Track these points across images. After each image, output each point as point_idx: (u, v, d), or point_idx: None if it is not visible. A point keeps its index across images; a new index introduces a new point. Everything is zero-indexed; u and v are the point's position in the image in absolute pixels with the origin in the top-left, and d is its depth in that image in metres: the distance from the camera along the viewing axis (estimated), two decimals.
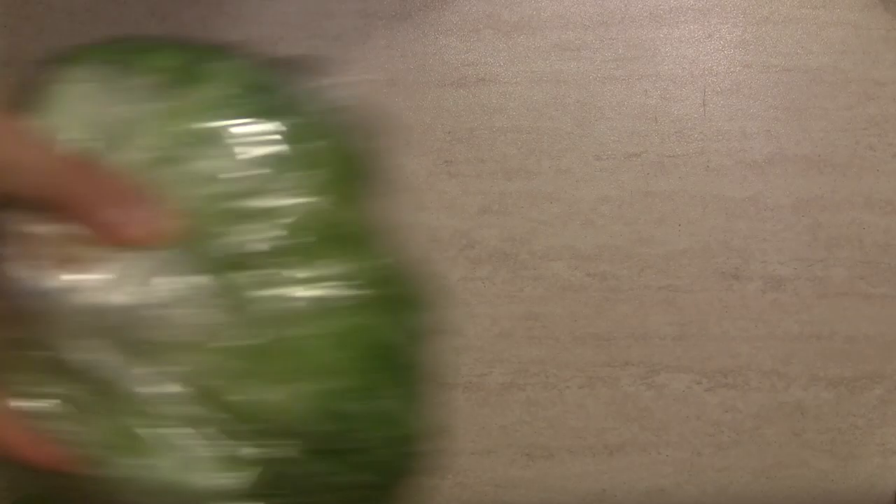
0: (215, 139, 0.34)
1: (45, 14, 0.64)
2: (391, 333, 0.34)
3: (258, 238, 0.33)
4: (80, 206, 0.33)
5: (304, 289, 0.32)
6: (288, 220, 0.33)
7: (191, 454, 0.32)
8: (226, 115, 0.34)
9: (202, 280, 0.32)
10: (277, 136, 0.34)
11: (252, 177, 0.33)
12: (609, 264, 0.61)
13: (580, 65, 0.63)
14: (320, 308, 0.32)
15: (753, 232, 0.61)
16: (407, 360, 0.35)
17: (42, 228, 0.32)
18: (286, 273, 0.32)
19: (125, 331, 0.31)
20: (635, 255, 0.61)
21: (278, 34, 0.64)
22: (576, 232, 0.62)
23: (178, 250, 0.32)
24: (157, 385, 0.32)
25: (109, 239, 0.33)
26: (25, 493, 0.33)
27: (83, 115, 0.34)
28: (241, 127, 0.34)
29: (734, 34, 0.63)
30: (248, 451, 0.32)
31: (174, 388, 0.32)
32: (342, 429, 0.33)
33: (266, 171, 0.33)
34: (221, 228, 0.32)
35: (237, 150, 0.33)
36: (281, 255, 0.33)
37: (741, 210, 0.62)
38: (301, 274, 0.32)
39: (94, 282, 0.31)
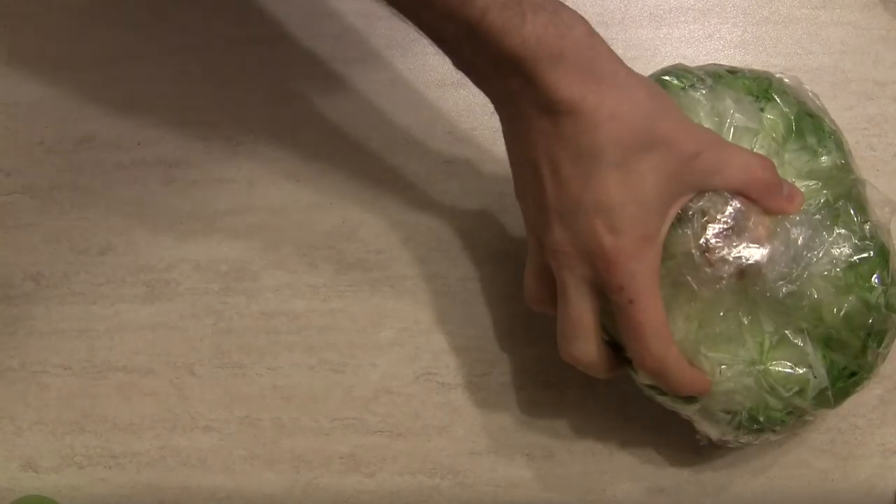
0: (795, 136, 0.51)
1: (45, 14, 0.64)
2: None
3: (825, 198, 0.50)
4: (765, 189, 0.48)
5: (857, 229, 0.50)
6: (833, 188, 0.51)
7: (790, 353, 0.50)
8: (795, 120, 0.51)
9: (819, 231, 0.49)
10: (819, 130, 0.52)
11: (812, 158, 0.52)
12: None
13: None
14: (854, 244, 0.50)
15: None
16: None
17: (730, 208, 0.47)
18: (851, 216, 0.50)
19: (793, 268, 0.48)
20: None
21: (278, 34, 0.64)
22: None
23: (801, 213, 0.49)
24: (790, 303, 0.49)
25: (777, 210, 0.48)
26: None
27: (698, 121, 0.50)
28: (804, 128, 0.52)
29: (734, 34, 0.63)
30: (822, 349, 0.50)
31: (801, 303, 0.49)
32: (867, 318, 0.50)
33: (818, 158, 0.52)
34: (814, 198, 0.50)
35: (803, 142, 0.51)
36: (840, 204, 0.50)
37: None
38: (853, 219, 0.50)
39: (776, 239, 0.48)
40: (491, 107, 0.48)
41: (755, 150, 0.50)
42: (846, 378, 0.52)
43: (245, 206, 0.62)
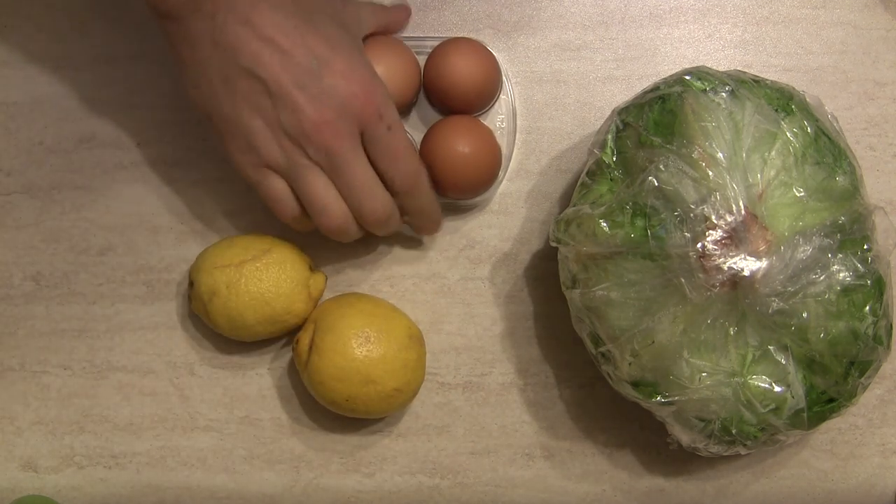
0: (814, 151, 0.51)
1: (45, 14, 0.64)
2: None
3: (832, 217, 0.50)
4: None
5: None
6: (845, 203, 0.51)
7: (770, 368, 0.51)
8: (814, 137, 0.51)
9: (823, 254, 0.49)
10: (837, 151, 0.52)
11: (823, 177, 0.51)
12: None
13: (580, 65, 0.63)
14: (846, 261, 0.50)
15: None
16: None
17: (732, 217, 0.48)
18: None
19: (788, 286, 0.48)
20: None
21: None
22: None
23: (806, 233, 0.49)
24: (779, 320, 0.49)
25: (396, 27, 0.61)
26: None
27: (717, 124, 0.50)
28: (821, 146, 0.52)
29: (734, 34, 0.63)
30: (803, 369, 0.51)
31: (790, 322, 0.49)
32: (852, 347, 0.50)
33: (834, 177, 0.51)
34: (823, 219, 0.50)
35: (821, 159, 0.51)
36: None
37: None
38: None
39: (775, 255, 0.48)
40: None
41: (771, 156, 0.50)
42: (824, 403, 0.52)
43: (245, 205, 0.62)
